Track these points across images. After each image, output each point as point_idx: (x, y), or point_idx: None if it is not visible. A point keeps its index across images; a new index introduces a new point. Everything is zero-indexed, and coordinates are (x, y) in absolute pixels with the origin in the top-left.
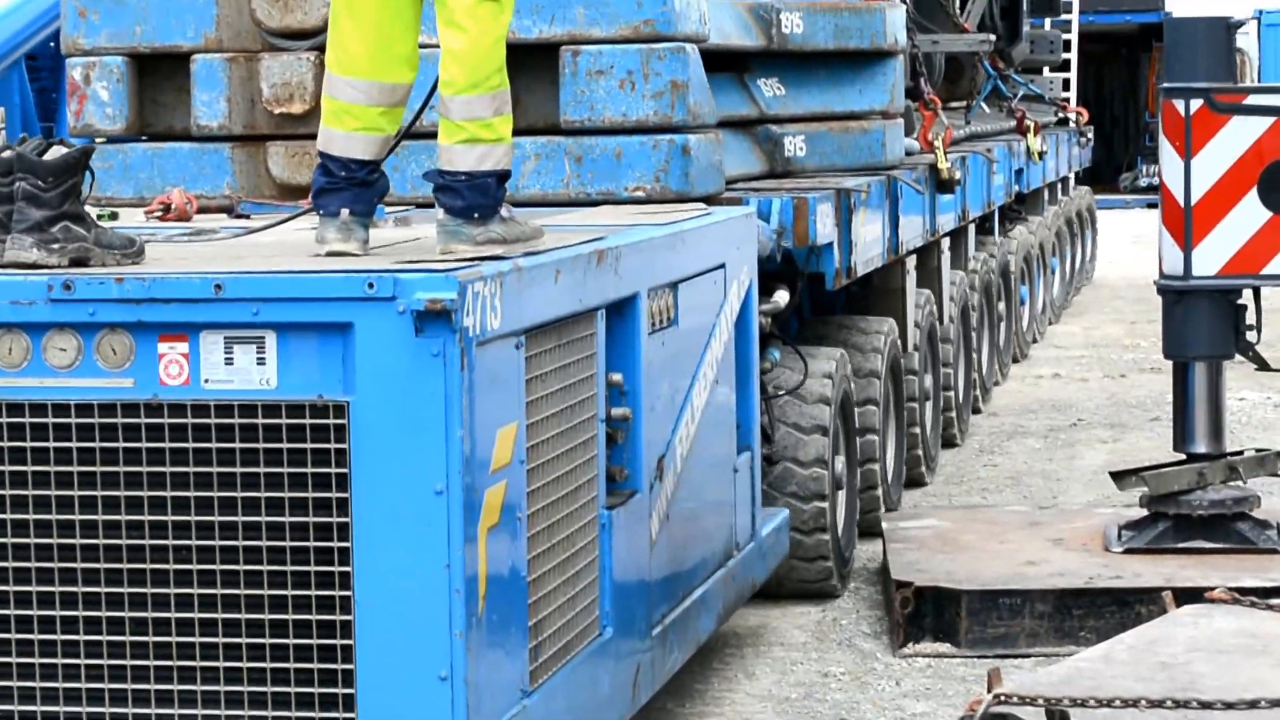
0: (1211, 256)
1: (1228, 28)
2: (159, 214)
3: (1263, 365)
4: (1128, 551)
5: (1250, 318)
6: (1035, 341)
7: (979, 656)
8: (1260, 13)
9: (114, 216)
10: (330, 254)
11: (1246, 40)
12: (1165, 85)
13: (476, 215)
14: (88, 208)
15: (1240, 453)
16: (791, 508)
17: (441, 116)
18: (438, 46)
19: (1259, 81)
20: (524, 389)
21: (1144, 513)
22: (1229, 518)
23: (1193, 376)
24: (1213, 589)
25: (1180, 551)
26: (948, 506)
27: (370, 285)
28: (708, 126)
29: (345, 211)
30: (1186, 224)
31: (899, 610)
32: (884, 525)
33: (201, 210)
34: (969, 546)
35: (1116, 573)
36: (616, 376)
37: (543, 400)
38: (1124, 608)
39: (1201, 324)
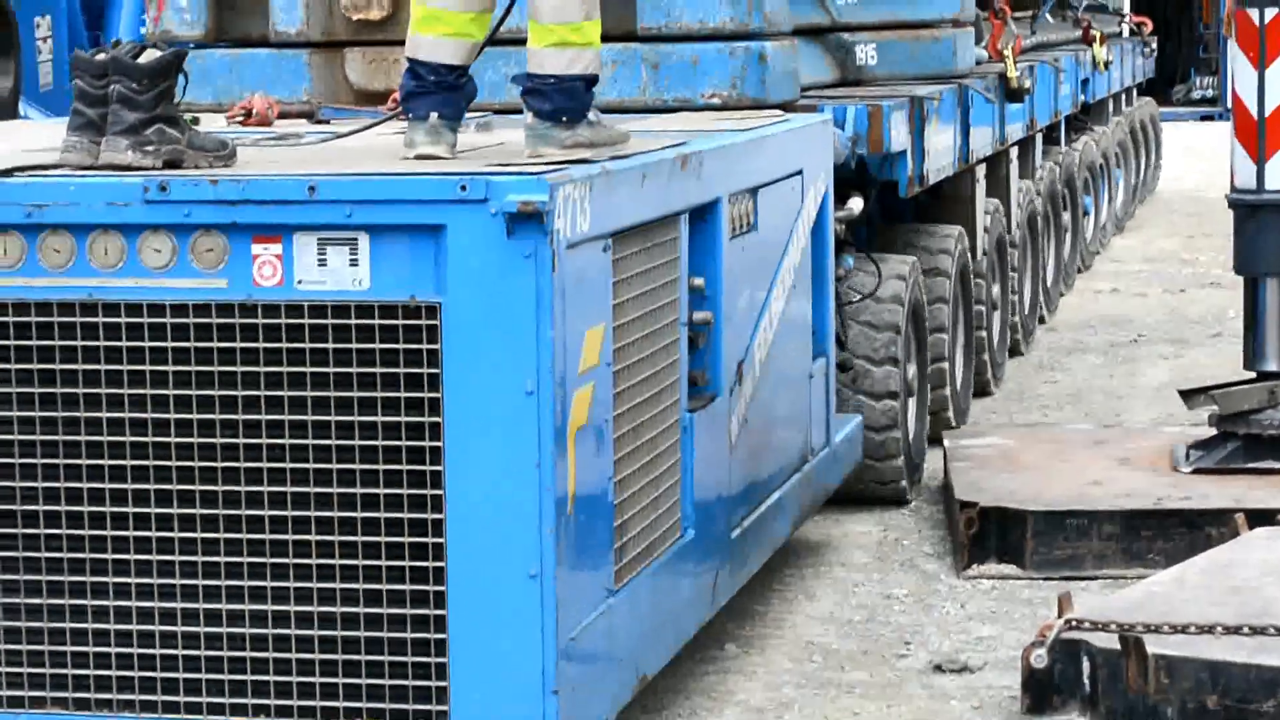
0: None
1: None
2: (240, 119)
3: None
4: (1196, 472)
5: None
6: (1099, 252)
7: (1045, 579)
8: None
9: (195, 121)
10: (419, 157)
11: None
12: None
13: (565, 119)
14: None
15: None
16: (864, 406)
17: (531, 20)
18: None
19: None
20: (611, 291)
21: (1212, 432)
22: None
23: (1264, 293)
24: None
25: (1250, 472)
26: (1009, 424)
27: (463, 188)
28: (783, 34)
29: (434, 115)
30: (1260, 136)
31: (963, 531)
32: (945, 443)
33: (282, 116)
34: (1033, 466)
35: (1185, 493)
36: (698, 281)
37: (628, 303)
38: (1193, 529)
39: (1274, 239)
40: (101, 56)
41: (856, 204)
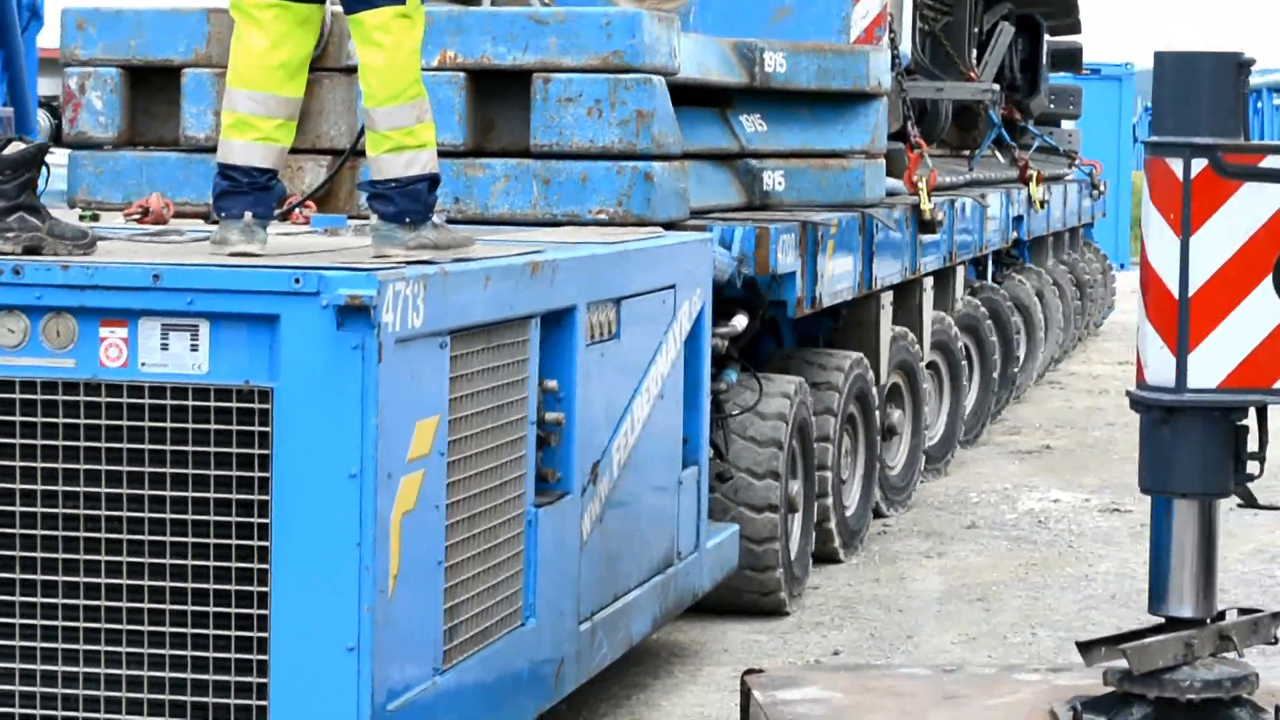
0: (1212, 364)
1: (1239, 66)
2: (137, 217)
3: (1250, 501)
4: None
5: (1253, 443)
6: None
7: None
8: None
9: (95, 218)
10: (234, 254)
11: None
12: (1154, 139)
13: (409, 220)
14: (75, 210)
15: (1223, 615)
16: (744, 518)
17: (368, 129)
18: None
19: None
20: (447, 386)
21: (1098, 688)
22: (1225, 702)
23: (1175, 518)
24: None
25: None
26: (823, 667)
27: (297, 280)
28: (672, 155)
29: (248, 214)
30: (1181, 321)
31: None
32: (755, 694)
33: (178, 215)
34: None
35: None
36: (551, 383)
37: (468, 398)
38: None
39: (1196, 452)
40: None
41: (740, 321)
